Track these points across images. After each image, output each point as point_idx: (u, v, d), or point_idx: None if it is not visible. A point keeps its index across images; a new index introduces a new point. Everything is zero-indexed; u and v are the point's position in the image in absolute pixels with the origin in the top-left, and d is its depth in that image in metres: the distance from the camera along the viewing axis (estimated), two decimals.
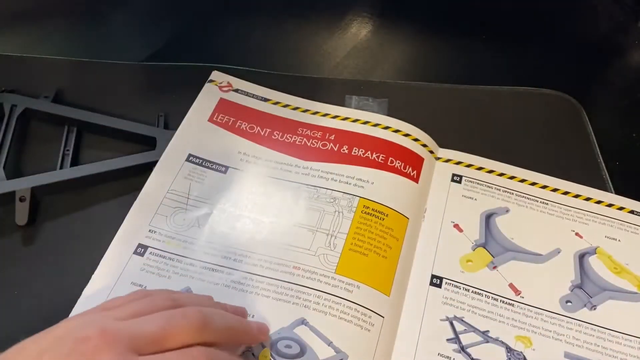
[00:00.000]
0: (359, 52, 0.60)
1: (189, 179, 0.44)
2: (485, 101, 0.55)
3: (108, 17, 0.61)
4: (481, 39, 0.63)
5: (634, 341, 0.39)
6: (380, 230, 0.42)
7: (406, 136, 0.48)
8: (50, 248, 0.41)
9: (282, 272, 0.40)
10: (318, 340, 0.37)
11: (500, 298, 0.41)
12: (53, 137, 0.47)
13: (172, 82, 0.53)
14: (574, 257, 0.44)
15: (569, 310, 0.41)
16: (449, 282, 0.41)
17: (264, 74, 0.54)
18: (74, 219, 0.43)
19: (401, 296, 0.40)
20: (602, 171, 0.50)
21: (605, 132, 0.53)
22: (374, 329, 0.38)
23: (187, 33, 0.60)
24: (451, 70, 0.59)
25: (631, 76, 0.62)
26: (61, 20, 0.60)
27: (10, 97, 0.48)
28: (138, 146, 0.47)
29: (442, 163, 0.48)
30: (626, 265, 0.43)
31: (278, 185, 0.45)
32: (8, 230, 0.41)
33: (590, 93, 0.59)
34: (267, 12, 0.62)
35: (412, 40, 0.62)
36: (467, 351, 0.38)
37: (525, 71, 0.60)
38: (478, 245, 0.43)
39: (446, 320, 0.39)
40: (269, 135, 0.48)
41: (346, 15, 0.63)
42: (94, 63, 0.54)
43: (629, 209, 0.47)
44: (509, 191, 0.47)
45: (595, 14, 0.68)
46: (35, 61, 0.53)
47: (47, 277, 0.40)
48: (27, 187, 0.42)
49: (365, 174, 0.46)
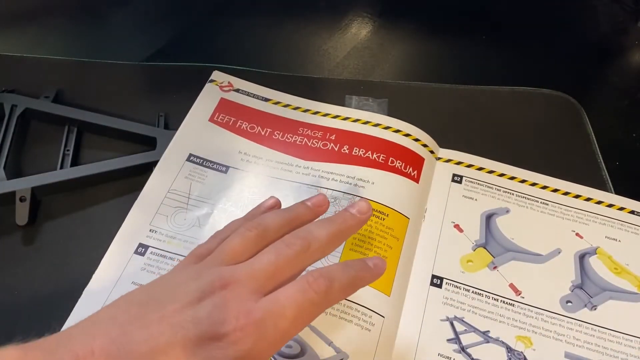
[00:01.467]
0: (359, 52, 0.60)
1: (190, 179, 0.44)
2: (485, 101, 0.55)
3: (108, 17, 0.61)
4: (481, 39, 0.63)
5: (635, 341, 0.39)
6: (381, 230, 0.42)
7: (407, 136, 0.48)
8: (50, 248, 0.41)
9: None
10: (318, 340, 0.36)
11: (500, 298, 0.41)
12: (53, 137, 0.47)
13: (172, 82, 0.53)
14: (575, 258, 0.44)
15: (570, 310, 0.41)
16: (449, 282, 0.41)
17: (265, 74, 0.54)
18: (74, 219, 0.43)
19: (401, 296, 0.40)
20: (602, 171, 0.50)
21: (605, 132, 0.53)
22: (375, 328, 0.38)
23: (187, 33, 0.60)
24: (451, 70, 0.59)
25: (631, 76, 0.62)
26: (61, 20, 0.60)
27: (10, 97, 0.48)
28: (138, 146, 0.47)
29: (442, 163, 0.48)
30: (626, 265, 0.43)
31: (279, 185, 0.45)
32: (8, 230, 0.41)
33: (590, 93, 0.59)
34: (268, 12, 0.62)
35: (412, 40, 0.62)
36: (467, 351, 0.38)
37: (525, 71, 0.60)
38: (478, 246, 0.43)
39: (446, 320, 0.39)
40: (270, 135, 0.48)
41: (346, 15, 0.64)
42: (94, 63, 0.54)
43: (629, 209, 0.47)
44: (510, 191, 0.47)
45: (595, 14, 0.68)
46: (35, 61, 0.53)
47: (47, 277, 0.40)
48: (27, 187, 0.42)
49: (366, 174, 0.46)
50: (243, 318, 0.25)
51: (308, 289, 0.27)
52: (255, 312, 0.25)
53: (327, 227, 0.32)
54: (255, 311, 0.25)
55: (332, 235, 0.31)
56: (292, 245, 0.29)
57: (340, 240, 0.33)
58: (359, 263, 0.31)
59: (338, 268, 0.29)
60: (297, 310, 0.26)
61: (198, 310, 0.25)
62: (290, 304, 0.26)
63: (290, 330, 0.26)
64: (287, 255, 0.28)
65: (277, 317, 0.26)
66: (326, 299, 0.28)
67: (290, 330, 0.26)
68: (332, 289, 0.28)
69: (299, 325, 0.27)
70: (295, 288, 0.27)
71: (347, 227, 0.33)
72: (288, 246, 0.29)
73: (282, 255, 0.28)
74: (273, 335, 0.26)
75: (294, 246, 0.29)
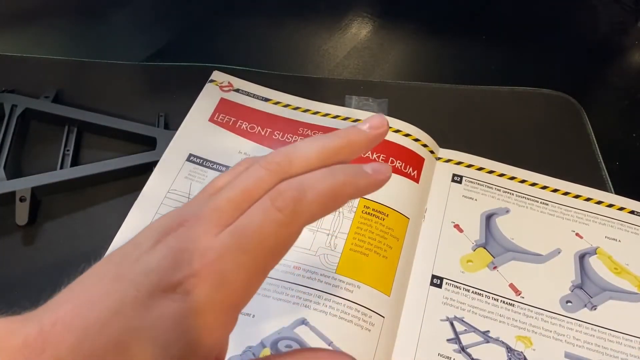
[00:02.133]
0: (359, 52, 0.60)
1: (190, 179, 0.44)
2: (485, 101, 0.55)
3: (108, 16, 0.61)
4: (481, 39, 0.63)
5: (635, 341, 0.39)
6: (381, 230, 0.42)
7: (407, 136, 0.48)
8: (50, 248, 0.41)
9: (282, 272, 0.40)
10: (318, 340, 0.36)
11: (500, 298, 0.41)
12: (53, 137, 0.47)
13: (172, 82, 0.53)
14: (574, 258, 0.44)
15: (570, 310, 0.41)
16: (449, 282, 0.41)
17: (265, 74, 0.54)
18: (74, 219, 0.43)
19: (401, 296, 0.40)
20: (602, 171, 0.50)
21: (605, 132, 0.53)
22: (375, 329, 0.38)
23: (187, 33, 0.60)
24: (451, 70, 0.59)
25: (631, 76, 0.62)
26: (61, 20, 0.60)
27: (10, 97, 0.48)
28: (138, 146, 0.47)
29: (442, 163, 0.48)
30: (626, 265, 0.43)
31: None
32: (8, 230, 0.41)
33: (590, 93, 0.59)
34: (268, 12, 0.62)
35: (412, 40, 0.62)
36: (467, 351, 0.38)
37: (525, 71, 0.60)
38: (478, 246, 0.43)
39: (446, 321, 0.39)
40: (270, 135, 0.48)
41: (346, 15, 0.63)
42: (94, 63, 0.54)
43: (629, 209, 0.47)
44: (509, 192, 0.47)
45: (595, 14, 0.68)
46: (35, 61, 0.53)
47: (47, 277, 0.40)
48: (27, 187, 0.42)
49: None
50: (197, 260, 0.20)
51: (270, 207, 0.21)
52: (211, 251, 0.20)
53: (320, 141, 0.24)
54: (211, 250, 0.20)
55: (324, 151, 0.23)
56: (269, 164, 0.23)
57: (334, 158, 0.24)
58: (350, 168, 0.23)
59: (316, 174, 0.22)
60: (259, 238, 0.20)
61: (149, 259, 0.21)
62: (252, 233, 0.20)
63: (258, 265, 0.21)
64: (261, 177, 0.22)
65: (237, 253, 0.20)
66: (295, 216, 0.21)
67: (258, 265, 0.21)
68: (302, 203, 0.21)
69: (269, 257, 0.21)
70: (255, 209, 0.21)
71: (348, 143, 0.24)
72: (263, 166, 0.23)
73: (253, 178, 0.22)
74: (236, 277, 0.20)
75: (270, 165, 0.23)
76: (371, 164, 0.24)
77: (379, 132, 0.25)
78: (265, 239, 0.21)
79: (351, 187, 0.22)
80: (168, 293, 0.20)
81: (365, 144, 0.25)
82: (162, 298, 0.20)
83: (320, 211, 0.22)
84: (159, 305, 0.20)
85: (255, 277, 0.21)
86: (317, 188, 0.22)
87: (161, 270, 0.20)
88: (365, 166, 0.24)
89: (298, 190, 0.21)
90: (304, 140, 0.24)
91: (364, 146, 0.25)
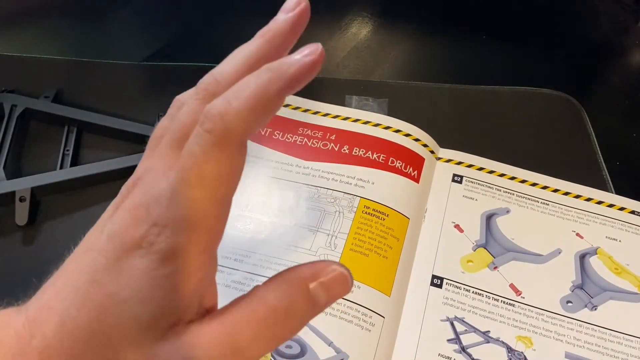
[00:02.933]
0: (359, 52, 0.60)
1: None
2: (485, 101, 0.55)
3: (108, 17, 0.61)
4: (481, 39, 0.63)
5: (635, 341, 0.39)
6: (381, 230, 0.42)
7: (407, 136, 0.48)
8: (50, 248, 0.41)
9: None
10: (318, 340, 0.36)
11: (500, 298, 0.41)
12: (53, 137, 0.47)
13: (172, 82, 0.53)
14: (575, 258, 0.44)
15: (570, 310, 0.41)
16: (450, 283, 0.41)
17: None
18: (74, 219, 0.43)
19: (402, 296, 0.40)
20: (602, 171, 0.50)
21: (605, 132, 0.53)
22: (375, 329, 0.38)
23: (187, 33, 0.60)
24: (451, 70, 0.59)
25: (631, 76, 0.62)
26: (61, 20, 0.60)
27: (10, 97, 0.48)
28: (138, 146, 0.47)
29: (442, 163, 0.48)
30: (627, 265, 0.43)
31: (279, 185, 0.45)
32: (8, 230, 0.41)
33: (590, 93, 0.59)
34: (268, 12, 0.62)
35: (412, 40, 0.62)
36: (467, 351, 0.38)
37: (525, 71, 0.60)
38: (479, 246, 0.43)
39: (447, 321, 0.39)
40: (270, 135, 0.48)
41: (346, 15, 0.63)
42: (93, 63, 0.54)
43: (629, 209, 0.47)
44: (510, 192, 0.47)
45: (595, 14, 0.68)
46: (35, 61, 0.53)
47: (47, 277, 0.40)
48: (27, 187, 0.42)
49: (366, 174, 0.46)
50: (154, 209, 0.19)
51: (201, 132, 0.19)
52: (163, 195, 0.19)
53: (241, 48, 0.23)
54: (163, 195, 0.19)
55: (249, 55, 0.22)
56: (198, 92, 0.22)
57: (263, 60, 0.22)
58: (276, 62, 0.20)
59: (240, 82, 0.20)
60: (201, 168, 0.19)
61: (110, 225, 0.20)
62: (192, 164, 0.19)
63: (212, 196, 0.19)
64: (193, 109, 0.21)
65: (186, 189, 0.19)
66: (227, 133, 0.19)
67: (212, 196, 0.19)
68: (229, 115, 0.19)
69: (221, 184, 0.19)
70: (190, 141, 0.20)
71: (270, 35, 0.23)
72: (193, 97, 0.22)
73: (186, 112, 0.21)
74: (193, 213, 0.19)
75: (199, 93, 0.22)
76: (299, 50, 0.21)
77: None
78: (206, 166, 0.19)
79: (281, 81, 0.20)
80: (134, 250, 0.19)
81: (288, 28, 0.23)
82: (130, 257, 0.19)
83: (254, 117, 0.19)
84: (128, 265, 0.19)
85: (214, 207, 0.20)
86: (242, 94, 0.19)
87: (122, 231, 0.20)
88: (292, 54, 0.21)
89: (222, 105, 0.19)
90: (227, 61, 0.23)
91: (287, 31, 0.23)
